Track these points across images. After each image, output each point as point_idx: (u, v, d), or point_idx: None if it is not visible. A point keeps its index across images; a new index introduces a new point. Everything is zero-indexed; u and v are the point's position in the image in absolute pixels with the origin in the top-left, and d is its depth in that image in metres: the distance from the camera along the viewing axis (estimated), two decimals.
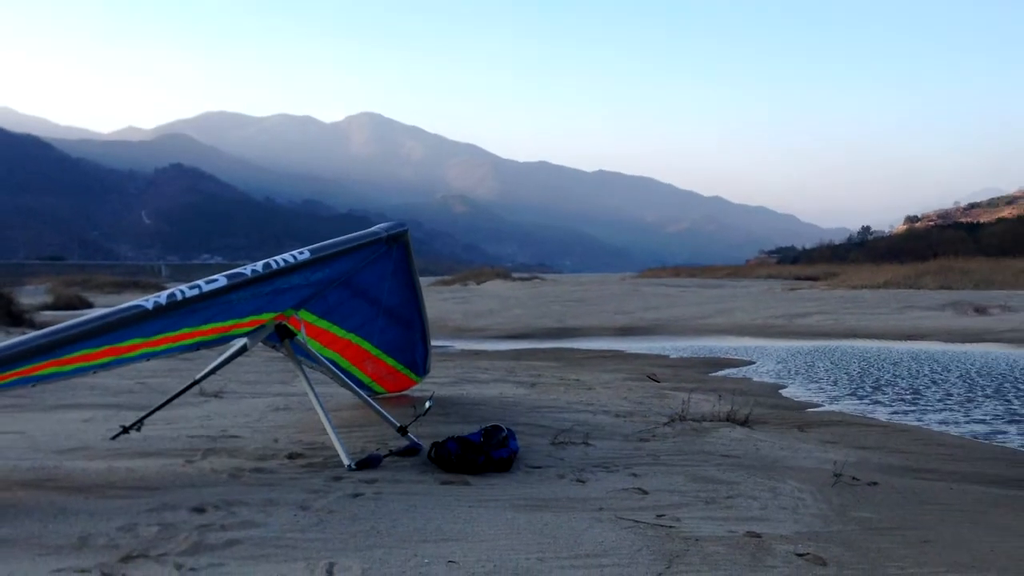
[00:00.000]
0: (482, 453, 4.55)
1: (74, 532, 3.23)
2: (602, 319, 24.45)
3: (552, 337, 20.57)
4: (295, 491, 3.98)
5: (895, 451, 6.37)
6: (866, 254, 71.71)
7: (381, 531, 3.42)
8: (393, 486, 4.17)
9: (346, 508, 3.74)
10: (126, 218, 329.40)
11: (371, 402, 5.18)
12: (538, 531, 3.51)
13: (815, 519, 3.95)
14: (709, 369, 13.18)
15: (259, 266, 4.26)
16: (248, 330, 4.75)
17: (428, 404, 5.03)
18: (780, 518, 3.93)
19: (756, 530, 3.66)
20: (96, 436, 5.21)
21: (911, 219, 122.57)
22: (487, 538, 3.38)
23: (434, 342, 7.34)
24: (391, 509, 3.76)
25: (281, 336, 4.80)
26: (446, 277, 55.54)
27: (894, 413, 8.84)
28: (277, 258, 4.37)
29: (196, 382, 5.16)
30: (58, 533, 3.22)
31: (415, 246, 5.51)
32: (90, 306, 29.00)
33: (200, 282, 4.04)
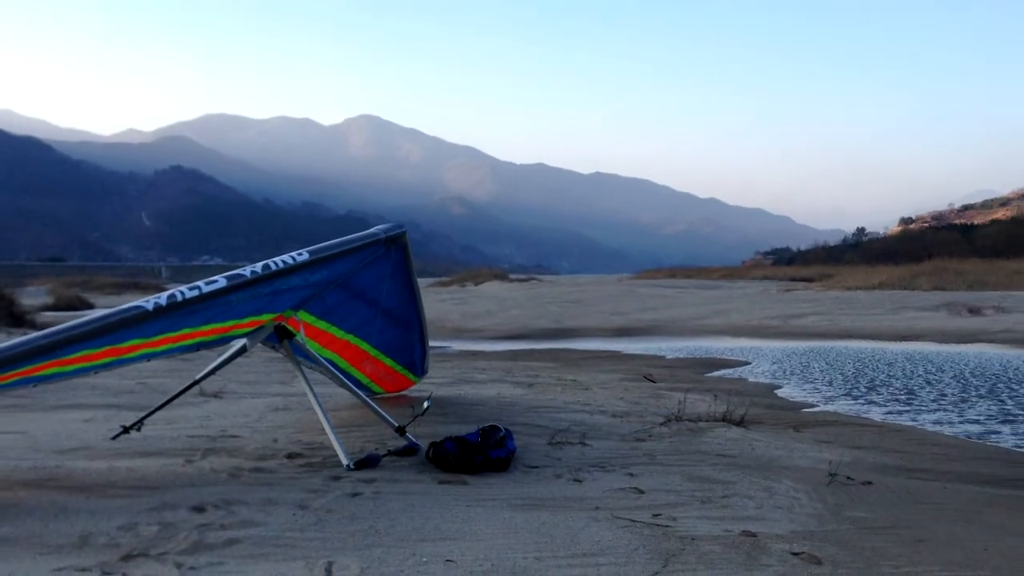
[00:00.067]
0: (480, 453, 4.58)
1: (75, 531, 3.25)
2: (599, 320, 24.45)
3: (549, 338, 20.57)
4: (294, 491, 3.99)
5: (890, 451, 6.39)
6: (861, 255, 71.75)
7: (379, 530, 3.44)
8: (391, 486, 4.19)
9: (345, 507, 3.75)
10: (126, 220, 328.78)
11: (369, 402, 5.20)
12: (535, 530, 3.53)
13: (810, 518, 3.97)
14: (705, 369, 13.20)
15: (258, 267, 4.26)
16: (248, 331, 4.77)
17: (426, 404, 5.05)
18: (775, 517, 3.95)
19: (752, 529, 3.68)
20: (97, 436, 5.22)
21: (905, 221, 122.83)
22: (485, 537, 3.40)
23: (432, 343, 7.35)
24: (389, 508, 3.78)
25: (280, 337, 4.83)
26: (444, 278, 55.49)
27: (889, 413, 8.87)
28: (276, 259, 4.37)
29: (196, 382, 5.18)
30: (59, 532, 3.24)
31: (413, 247, 5.51)
32: (91, 307, 28.91)
33: (200, 283, 4.05)
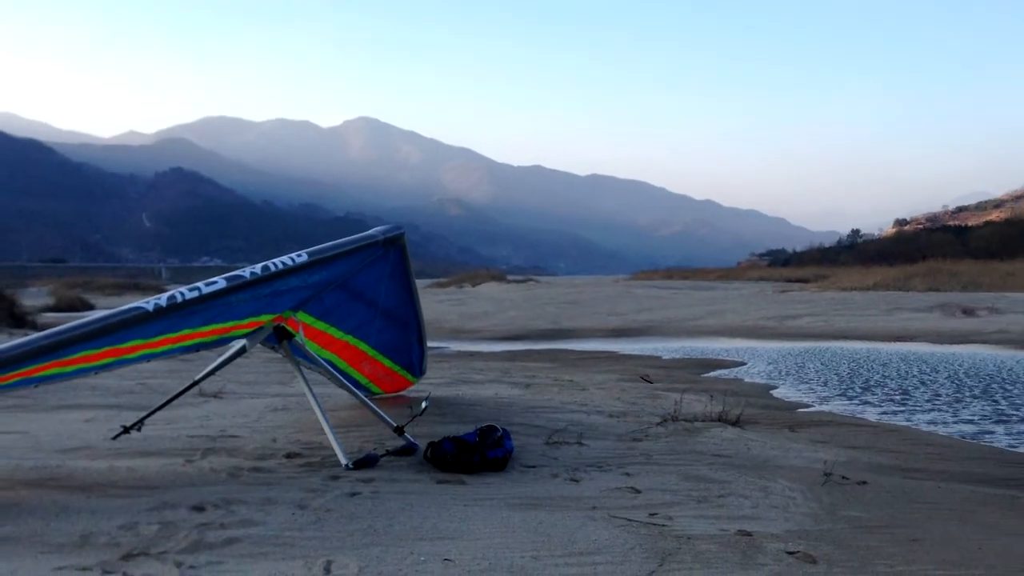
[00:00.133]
0: (477, 453, 4.60)
1: (76, 530, 3.27)
2: (596, 321, 24.47)
3: (546, 338, 20.60)
4: (293, 490, 4.01)
5: (884, 451, 6.41)
6: (856, 257, 71.89)
7: (378, 529, 3.45)
8: (390, 485, 4.21)
9: (343, 507, 3.77)
10: (127, 221, 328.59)
11: (368, 402, 5.22)
12: (533, 529, 3.54)
13: (805, 518, 4.00)
14: (701, 370, 13.23)
15: (258, 268, 4.27)
16: (247, 331, 4.80)
17: (424, 404, 5.06)
18: (771, 517, 3.97)
19: (747, 528, 3.71)
20: (97, 436, 5.24)
21: (900, 222, 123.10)
22: (482, 536, 3.42)
23: (430, 343, 7.37)
24: (388, 508, 3.80)
25: (280, 337, 4.85)
26: (442, 279, 55.45)
27: (883, 413, 8.91)
28: (276, 261, 4.38)
29: (196, 383, 5.19)
30: (60, 531, 3.25)
31: (411, 249, 5.52)
32: (91, 308, 28.83)
33: (200, 284, 4.05)
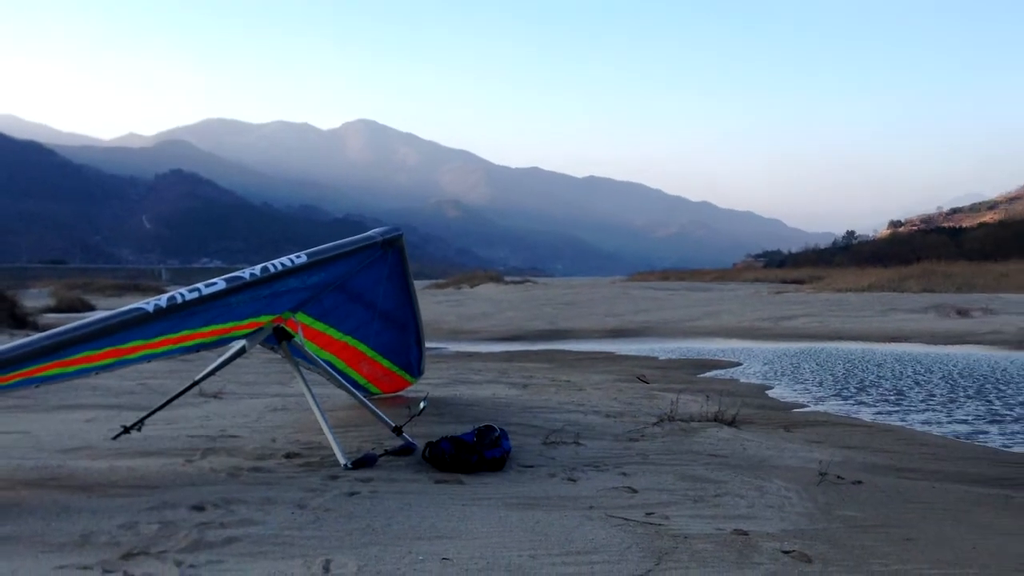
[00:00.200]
0: (475, 452, 4.62)
1: (76, 530, 3.28)
2: (592, 322, 24.50)
3: (544, 339, 20.62)
4: (292, 490, 4.02)
5: (879, 451, 6.44)
6: (851, 258, 72.06)
7: (376, 529, 3.47)
8: (388, 485, 4.23)
9: (342, 506, 3.78)
10: (127, 223, 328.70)
11: (367, 403, 5.23)
12: (530, 529, 3.56)
13: (801, 517, 4.02)
14: (697, 370, 13.26)
15: (257, 270, 4.28)
16: (247, 332, 4.81)
17: (423, 405, 5.07)
18: (767, 516, 3.99)
19: (743, 528, 3.73)
20: (98, 436, 5.25)
21: (895, 224, 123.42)
22: (480, 536, 3.44)
23: (428, 344, 7.39)
24: (386, 507, 3.81)
25: (279, 338, 4.87)
26: (440, 280, 55.46)
27: (878, 413, 8.94)
28: (275, 262, 4.38)
29: (196, 383, 5.20)
30: (61, 531, 3.26)
31: (409, 250, 5.52)
32: (92, 309, 28.75)
33: (200, 285, 4.06)
